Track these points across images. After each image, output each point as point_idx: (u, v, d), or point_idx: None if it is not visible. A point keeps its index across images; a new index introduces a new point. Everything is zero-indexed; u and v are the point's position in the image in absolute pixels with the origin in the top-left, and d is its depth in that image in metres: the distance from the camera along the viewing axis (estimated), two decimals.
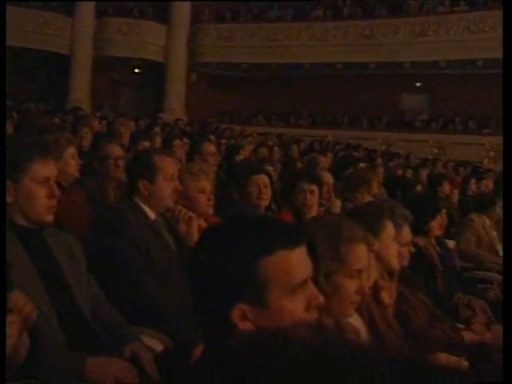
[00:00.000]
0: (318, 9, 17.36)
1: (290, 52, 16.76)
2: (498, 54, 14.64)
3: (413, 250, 2.95)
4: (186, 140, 6.30)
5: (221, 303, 1.18)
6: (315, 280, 1.51)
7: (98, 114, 10.66)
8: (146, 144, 5.68)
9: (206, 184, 3.04)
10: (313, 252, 1.51)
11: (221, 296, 1.18)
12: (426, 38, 15.42)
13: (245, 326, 1.17)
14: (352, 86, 16.89)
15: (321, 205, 4.36)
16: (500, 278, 5.03)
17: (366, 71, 16.49)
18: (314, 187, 3.83)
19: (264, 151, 6.72)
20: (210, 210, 3.04)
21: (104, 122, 8.70)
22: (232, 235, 1.22)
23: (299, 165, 5.66)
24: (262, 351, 0.71)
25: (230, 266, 1.17)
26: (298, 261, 1.22)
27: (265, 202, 3.63)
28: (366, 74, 16.60)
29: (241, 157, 5.61)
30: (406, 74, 16.36)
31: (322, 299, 1.26)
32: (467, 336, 2.92)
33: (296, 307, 1.22)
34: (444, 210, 4.14)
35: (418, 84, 17.15)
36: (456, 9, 15.69)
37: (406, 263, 2.79)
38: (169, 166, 2.75)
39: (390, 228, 2.49)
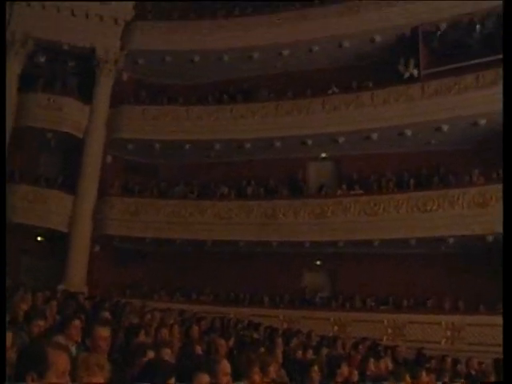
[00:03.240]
0: (223, 187, 18.01)
1: (194, 228, 17.10)
2: (391, 234, 15.54)
3: None
4: (83, 317, 6.15)
5: None
6: None
7: None
8: (41, 323, 5.52)
9: (100, 379, 2.96)
10: None
11: None
12: (325, 220, 16.13)
13: None
14: (254, 263, 17.24)
15: None
16: None
17: (268, 249, 16.90)
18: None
19: (165, 332, 6.64)
20: None
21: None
22: None
23: (198, 348, 5.60)
24: None
25: None
26: None
27: None
28: (268, 251, 17.02)
29: (139, 339, 5.52)
30: (307, 253, 16.90)
31: None
32: None
33: None
34: None
35: (318, 262, 17.67)
36: (352, 192, 16.66)
37: None
38: (62, 362, 2.65)
39: None
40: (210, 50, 18.88)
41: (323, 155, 18.20)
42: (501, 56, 15.45)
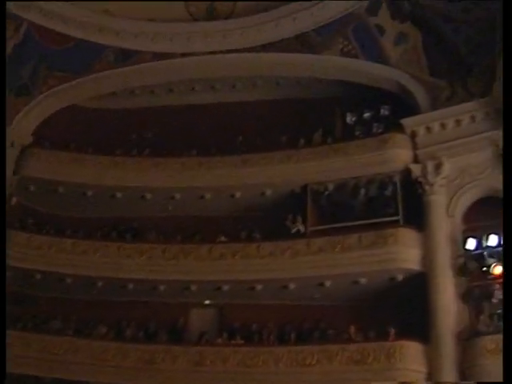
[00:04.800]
0: (102, 327, 17.38)
1: (66, 367, 16.15)
2: None
3: None
4: None
5: None
6: None
7: None
8: None
9: None
10: None
11: None
12: (204, 368, 15.72)
13: None
14: None
15: None
16: None
17: None
18: None
19: None
20: None
21: None
22: None
23: None
24: None
25: None
26: None
27: None
28: None
29: None
30: None
31: None
32: None
33: None
34: None
35: None
36: (233, 342, 16.51)
37: None
38: None
39: None
40: (103, 185, 18.95)
41: (206, 302, 18.14)
42: (381, 219, 16.55)
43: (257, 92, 20.82)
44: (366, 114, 18.83)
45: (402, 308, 15.68)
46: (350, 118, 18.96)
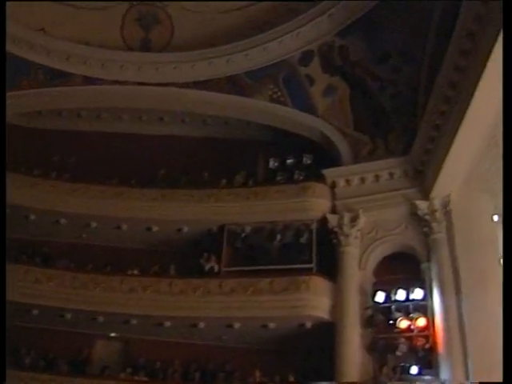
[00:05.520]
0: None
1: None
2: None
3: None
4: None
5: None
6: None
7: None
8: None
9: None
10: None
11: None
12: None
13: None
14: None
15: None
16: None
17: None
18: None
19: None
20: None
21: None
22: None
23: None
24: None
25: None
26: None
27: None
28: None
29: None
30: None
31: None
32: None
33: None
34: None
35: None
36: (136, 378, 16.23)
37: None
38: None
39: None
40: (17, 205, 18.25)
41: (112, 335, 17.74)
42: (295, 266, 16.71)
43: (184, 127, 20.93)
44: (289, 161, 19.13)
45: (309, 355, 15.84)
46: (272, 163, 19.22)
